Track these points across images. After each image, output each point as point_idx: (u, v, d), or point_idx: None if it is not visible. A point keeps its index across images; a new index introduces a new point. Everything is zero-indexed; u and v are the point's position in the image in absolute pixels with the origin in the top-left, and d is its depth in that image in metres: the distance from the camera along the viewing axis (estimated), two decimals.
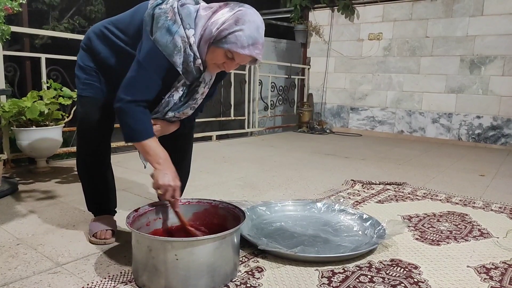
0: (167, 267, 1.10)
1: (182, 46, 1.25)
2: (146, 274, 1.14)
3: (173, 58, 1.26)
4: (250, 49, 1.21)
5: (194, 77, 1.34)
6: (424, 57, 4.72)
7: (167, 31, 1.23)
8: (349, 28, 5.26)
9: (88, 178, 1.54)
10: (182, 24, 1.24)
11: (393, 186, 2.46)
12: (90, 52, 1.44)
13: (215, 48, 1.24)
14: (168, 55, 1.25)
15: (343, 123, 5.47)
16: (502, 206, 2.09)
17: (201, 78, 1.36)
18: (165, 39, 1.24)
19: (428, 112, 4.77)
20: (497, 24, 4.25)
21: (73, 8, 5.84)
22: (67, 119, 2.57)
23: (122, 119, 1.27)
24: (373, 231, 1.57)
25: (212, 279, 1.14)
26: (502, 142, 4.35)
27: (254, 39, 1.21)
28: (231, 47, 1.20)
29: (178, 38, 1.24)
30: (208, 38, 1.24)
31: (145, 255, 1.14)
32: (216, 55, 1.26)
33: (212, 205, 1.42)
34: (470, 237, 1.64)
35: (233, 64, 1.28)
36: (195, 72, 1.32)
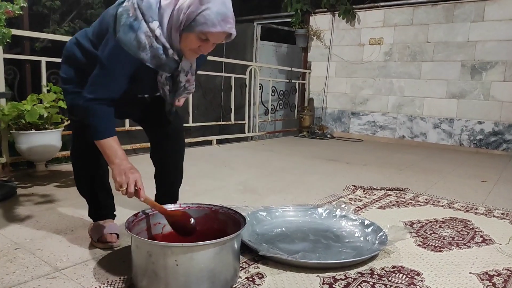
0: (167, 272, 1.09)
1: (147, 41, 1.23)
2: (146, 279, 1.13)
3: (140, 55, 1.25)
4: (221, 25, 1.19)
5: (172, 67, 1.34)
6: (425, 62, 4.73)
7: (130, 28, 1.22)
8: (350, 32, 5.27)
9: (87, 184, 1.53)
10: (144, 19, 1.23)
11: (395, 191, 2.45)
12: (70, 63, 1.45)
13: (187, 34, 1.23)
14: (134, 53, 1.24)
15: (344, 128, 5.46)
16: (505, 212, 2.07)
17: (179, 68, 1.35)
18: (129, 37, 1.22)
19: (430, 117, 4.76)
20: (498, 30, 4.25)
21: (73, 12, 5.85)
22: (66, 122, 2.56)
23: (85, 117, 1.29)
24: (375, 237, 1.55)
25: (212, 285, 1.13)
26: (503, 147, 4.34)
27: (223, 14, 1.19)
28: (202, 28, 1.19)
29: (141, 34, 1.22)
30: (178, 26, 1.23)
31: (145, 261, 1.12)
32: (189, 41, 1.24)
33: (212, 210, 1.40)
34: (472, 244, 1.62)
35: (209, 45, 1.26)
36: (171, 63, 1.32)
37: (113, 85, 1.29)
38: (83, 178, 1.52)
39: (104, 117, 1.28)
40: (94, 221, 1.57)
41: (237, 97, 4.72)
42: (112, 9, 1.29)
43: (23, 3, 2.17)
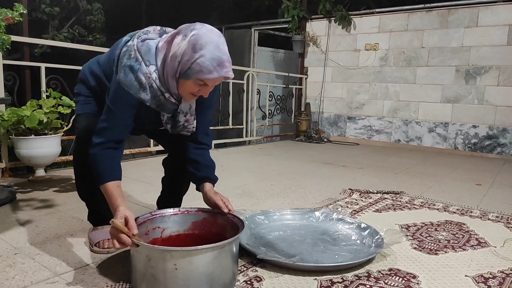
0: (166, 276, 1.10)
1: (147, 82, 1.25)
2: (145, 283, 1.14)
3: (140, 96, 1.27)
4: (217, 70, 1.18)
5: (171, 108, 1.35)
6: (420, 67, 4.78)
7: (130, 70, 1.25)
8: (346, 38, 5.32)
9: (88, 189, 1.54)
10: (143, 61, 1.25)
11: (391, 195, 2.47)
12: (86, 85, 1.51)
13: (184, 81, 1.23)
14: (135, 93, 1.26)
15: (340, 132, 5.49)
16: (499, 215, 2.10)
17: (178, 109, 1.37)
18: (129, 78, 1.25)
19: (425, 121, 4.81)
20: (491, 35, 4.31)
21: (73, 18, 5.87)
22: (66, 128, 2.57)
23: (92, 164, 1.29)
24: (371, 240, 1.57)
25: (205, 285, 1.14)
26: (498, 151, 4.38)
27: (218, 59, 1.18)
28: (199, 76, 1.19)
29: (141, 75, 1.25)
30: (173, 74, 1.24)
31: (144, 265, 1.13)
32: (187, 87, 1.25)
33: (211, 214, 1.42)
34: (467, 246, 1.65)
35: (207, 88, 1.26)
36: (170, 105, 1.33)
37: (118, 126, 1.31)
38: (84, 183, 1.54)
39: (107, 162, 1.28)
40: (93, 226, 1.58)
41: (235, 102, 4.75)
42: (119, 48, 1.33)
43: (23, 10, 2.19)
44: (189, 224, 1.42)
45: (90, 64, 1.53)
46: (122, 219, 1.14)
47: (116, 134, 1.30)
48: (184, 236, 1.41)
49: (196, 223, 1.42)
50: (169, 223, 1.38)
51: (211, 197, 1.40)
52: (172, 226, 1.38)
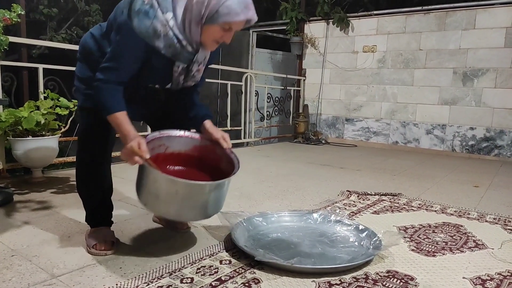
0: (167, 198, 1.30)
1: (162, 30, 1.26)
2: (149, 198, 1.33)
3: (155, 43, 1.28)
4: (244, 12, 1.23)
5: (188, 58, 1.37)
6: (417, 69, 4.79)
7: (145, 16, 1.24)
8: (344, 40, 5.33)
9: (88, 189, 1.54)
10: (160, 8, 1.25)
11: (389, 197, 2.48)
12: (85, 59, 1.46)
13: (210, 26, 1.26)
14: (149, 40, 1.27)
15: (338, 133, 5.50)
16: (497, 217, 2.10)
17: (194, 59, 1.39)
18: (144, 24, 1.25)
19: (422, 123, 4.82)
20: (488, 38, 4.33)
21: (71, 19, 5.87)
22: (63, 129, 2.57)
23: (96, 96, 1.33)
24: (369, 242, 1.57)
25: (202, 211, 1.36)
26: (495, 153, 4.40)
27: (244, 2, 1.24)
28: (226, 19, 1.23)
29: (157, 22, 1.25)
30: (199, 19, 1.26)
31: (151, 184, 1.32)
32: (212, 32, 1.28)
33: (212, 143, 1.51)
34: (465, 248, 1.65)
35: (231, 34, 1.30)
36: (187, 54, 1.35)
37: (123, 69, 1.32)
38: (85, 183, 1.53)
39: (111, 94, 1.31)
40: (91, 227, 1.58)
41: (233, 103, 4.75)
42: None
43: (21, 11, 2.19)
44: (191, 147, 1.52)
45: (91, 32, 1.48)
46: (136, 143, 1.26)
47: (119, 77, 1.32)
48: (184, 155, 1.51)
49: (197, 147, 1.52)
50: (173, 143, 1.48)
51: (213, 133, 1.49)
52: (175, 146, 1.49)
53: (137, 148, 1.26)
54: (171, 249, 1.54)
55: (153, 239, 1.65)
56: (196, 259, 1.44)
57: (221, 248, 1.55)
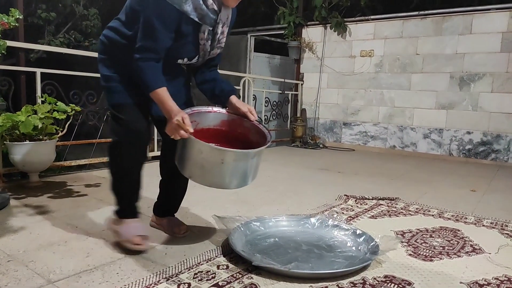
0: (212, 167, 1.37)
1: None
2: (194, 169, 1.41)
3: (184, 7, 1.32)
4: None
5: (212, 19, 1.41)
6: (414, 73, 4.82)
7: None
8: (341, 45, 5.36)
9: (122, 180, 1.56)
10: None
11: (386, 201, 2.48)
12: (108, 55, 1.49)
13: None
14: (179, 5, 1.31)
15: (336, 138, 5.51)
16: (494, 222, 2.11)
17: (218, 19, 1.42)
18: None
19: (419, 127, 4.84)
20: (485, 43, 4.36)
21: (69, 23, 5.87)
22: (61, 133, 2.56)
23: (137, 75, 1.38)
24: (367, 247, 1.57)
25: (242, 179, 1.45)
26: (492, 157, 4.42)
27: None
28: None
29: None
30: None
31: (196, 156, 1.39)
32: None
33: (239, 117, 1.59)
34: (462, 253, 1.65)
35: None
36: (212, 14, 1.39)
37: (159, 43, 1.36)
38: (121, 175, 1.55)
39: (151, 72, 1.36)
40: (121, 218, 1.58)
41: None
42: None
43: (19, 15, 2.19)
44: (219, 122, 1.59)
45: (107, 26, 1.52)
46: (180, 118, 1.33)
47: (156, 52, 1.37)
48: (213, 130, 1.58)
49: (225, 122, 1.59)
50: (203, 118, 1.54)
51: (240, 107, 1.56)
52: (204, 121, 1.54)
53: (182, 122, 1.33)
54: (168, 254, 1.54)
55: (150, 243, 1.64)
56: (193, 264, 1.44)
57: (219, 253, 1.55)
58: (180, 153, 1.46)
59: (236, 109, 1.57)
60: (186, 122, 1.34)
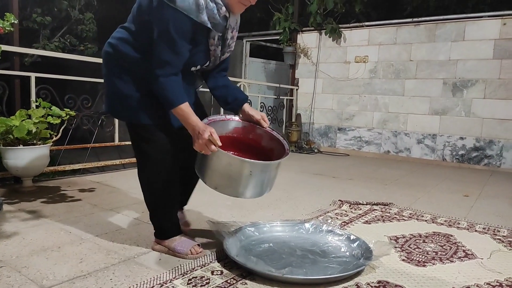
0: (241, 178, 1.43)
1: (203, 3, 1.32)
2: (220, 180, 1.46)
3: (201, 18, 1.33)
4: None
5: (223, 25, 1.43)
6: (408, 79, 4.86)
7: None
8: (336, 50, 5.40)
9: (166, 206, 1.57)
10: None
11: (380, 206, 2.49)
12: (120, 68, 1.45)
13: None
14: (196, 16, 1.32)
15: (331, 143, 5.54)
16: (486, 227, 2.13)
17: (227, 25, 1.44)
18: (187, 2, 1.29)
19: (413, 133, 4.88)
20: (477, 49, 4.42)
21: (64, 27, 5.86)
22: (55, 138, 2.55)
23: (159, 93, 1.39)
24: (360, 252, 1.58)
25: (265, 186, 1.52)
26: (485, 163, 4.46)
27: None
28: None
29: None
30: None
31: (224, 167, 1.44)
32: None
33: (251, 124, 1.65)
34: (455, 258, 1.67)
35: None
36: (222, 21, 1.41)
37: (179, 56, 1.37)
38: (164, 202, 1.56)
39: (173, 88, 1.38)
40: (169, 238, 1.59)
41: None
42: None
43: (14, 20, 2.19)
44: (232, 129, 1.65)
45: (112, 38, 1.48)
46: (209, 133, 1.36)
47: (176, 66, 1.38)
48: (225, 137, 1.61)
49: (238, 129, 1.66)
50: (217, 127, 1.56)
51: (253, 114, 1.62)
52: (218, 129, 1.54)
53: (212, 137, 1.36)
54: (162, 260, 1.54)
55: (144, 249, 1.64)
56: (187, 269, 1.44)
57: (213, 259, 1.55)
58: (203, 165, 1.49)
59: (249, 117, 1.63)
60: (215, 137, 1.37)
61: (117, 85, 1.45)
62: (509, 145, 4.31)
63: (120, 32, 1.48)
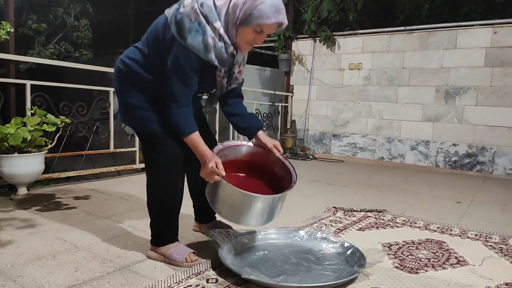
0: (243, 208, 1.50)
1: (212, 43, 1.36)
2: (223, 207, 1.55)
3: (208, 56, 1.38)
4: (275, 16, 1.33)
5: (230, 61, 1.48)
6: (401, 87, 4.92)
7: (196, 33, 1.34)
8: (330, 58, 5.45)
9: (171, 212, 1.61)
10: (207, 21, 1.35)
11: (374, 213, 2.52)
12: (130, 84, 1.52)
13: (243, 28, 1.36)
14: (204, 55, 1.37)
15: (326, 149, 5.57)
16: (478, 234, 2.16)
17: (234, 61, 1.50)
18: (197, 41, 1.35)
19: (407, 139, 4.93)
20: (469, 57, 4.49)
21: (59, 34, 5.87)
22: (50, 145, 2.55)
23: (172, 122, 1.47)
24: (354, 259, 1.60)
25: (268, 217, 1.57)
26: (477, 169, 4.51)
27: (276, 6, 1.33)
28: (258, 21, 1.32)
29: (207, 37, 1.35)
30: (234, 21, 1.36)
31: (227, 197, 1.53)
32: (245, 34, 1.38)
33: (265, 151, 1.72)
34: (447, 265, 1.69)
35: (263, 36, 1.41)
36: (230, 58, 1.46)
37: (190, 88, 1.45)
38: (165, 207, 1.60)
39: (184, 118, 1.46)
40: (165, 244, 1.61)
41: (222, 119, 4.77)
42: (171, 17, 1.38)
43: (10, 29, 2.21)
44: (246, 154, 1.72)
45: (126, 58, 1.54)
46: (214, 163, 1.45)
47: (188, 98, 1.46)
48: (240, 161, 1.71)
49: (251, 154, 1.73)
50: (231, 152, 1.68)
51: (266, 143, 1.69)
52: (232, 154, 1.68)
53: (216, 168, 1.45)
54: (157, 268, 1.55)
55: (139, 257, 1.65)
56: (182, 278, 1.45)
57: (208, 267, 1.56)
58: (211, 191, 1.58)
59: (263, 144, 1.70)
60: (220, 167, 1.46)
61: (128, 98, 1.54)
62: (501, 151, 4.37)
63: (133, 52, 1.54)
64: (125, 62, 1.54)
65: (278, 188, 1.65)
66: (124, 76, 1.54)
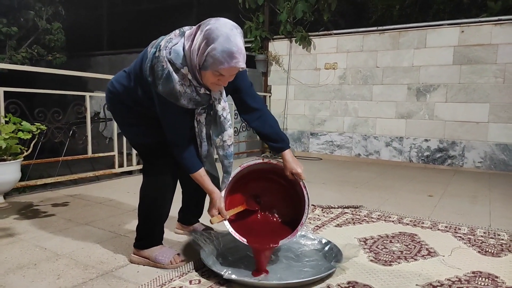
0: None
1: (181, 89, 1.37)
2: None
3: (180, 102, 1.40)
4: (228, 61, 1.29)
5: (206, 100, 1.48)
6: (375, 85, 5.07)
7: (166, 81, 1.36)
8: (306, 58, 5.55)
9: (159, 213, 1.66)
10: (175, 68, 1.36)
11: (351, 209, 2.61)
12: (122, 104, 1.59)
13: (204, 72, 1.36)
14: (176, 101, 1.39)
15: (304, 147, 5.67)
16: (448, 226, 2.27)
17: (211, 100, 1.49)
18: (168, 89, 1.37)
19: (382, 136, 5.08)
20: (438, 56, 4.67)
21: (31, 37, 5.72)
22: (26, 153, 2.52)
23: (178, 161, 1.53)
24: (332, 255, 1.67)
25: None
26: (448, 163, 4.70)
27: (228, 51, 1.27)
28: (213, 67, 1.31)
29: (176, 85, 1.36)
30: (195, 66, 1.36)
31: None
32: (208, 77, 1.37)
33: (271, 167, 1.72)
34: (419, 257, 1.78)
35: (225, 78, 1.37)
36: (205, 98, 1.46)
37: (181, 132, 1.49)
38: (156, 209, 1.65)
39: (187, 158, 1.52)
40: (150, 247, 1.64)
41: None
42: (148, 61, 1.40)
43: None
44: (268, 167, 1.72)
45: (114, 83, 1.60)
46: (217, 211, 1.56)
47: (184, 140, 1.51)
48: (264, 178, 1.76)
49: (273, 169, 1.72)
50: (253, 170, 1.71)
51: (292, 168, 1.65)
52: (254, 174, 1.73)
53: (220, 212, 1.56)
54: (140, 272, 1.57)
55: (122, 262, 1.66)
56: (165, 280, 1.48)
57: (191, 268, 1.59)
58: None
59: (289, 167, 1.65)
60: (223, 213, 1.56)
61: (119, 116, 1.65)
62: (470, 145, 4.57)
63: (123, 77, 1.59)
64: (114, 86, 1.59)
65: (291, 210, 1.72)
66: (114, 98, 1.61)
